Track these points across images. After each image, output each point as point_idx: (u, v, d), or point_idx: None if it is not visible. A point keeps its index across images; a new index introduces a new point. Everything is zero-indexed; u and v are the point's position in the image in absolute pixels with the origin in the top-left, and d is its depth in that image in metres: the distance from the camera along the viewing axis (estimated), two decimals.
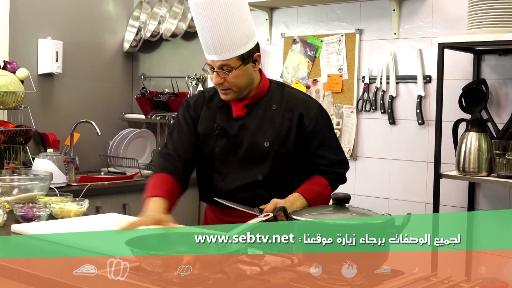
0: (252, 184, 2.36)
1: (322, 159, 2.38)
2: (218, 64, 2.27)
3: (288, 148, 2.35)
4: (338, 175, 2.42)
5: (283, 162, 2.36)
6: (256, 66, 2.34)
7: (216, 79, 2.30)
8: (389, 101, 3.50)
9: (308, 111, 2.36)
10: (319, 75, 3.75)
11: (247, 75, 2.31)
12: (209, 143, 2.40)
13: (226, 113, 2.39)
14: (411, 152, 3.44)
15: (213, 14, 2.21)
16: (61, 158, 3.59)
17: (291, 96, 2.40)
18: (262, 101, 2.38)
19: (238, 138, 2.37)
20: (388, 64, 3.51)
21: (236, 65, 2.27)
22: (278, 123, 2.35)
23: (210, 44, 2.26)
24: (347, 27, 3.66)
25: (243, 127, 2.37)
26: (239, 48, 2.25)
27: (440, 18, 3.34)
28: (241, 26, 2.25)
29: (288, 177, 2.39)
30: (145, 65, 4.67)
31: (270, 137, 2.35)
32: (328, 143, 2.40)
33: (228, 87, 2.30)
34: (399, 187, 3.49)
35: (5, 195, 2.77)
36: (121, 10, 4.59)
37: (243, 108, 2.37)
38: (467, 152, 2.94)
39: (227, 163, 2.38)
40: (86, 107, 4.41)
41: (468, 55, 3.20)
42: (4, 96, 3.52)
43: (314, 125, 2.35)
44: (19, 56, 4.00)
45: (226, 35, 2.22)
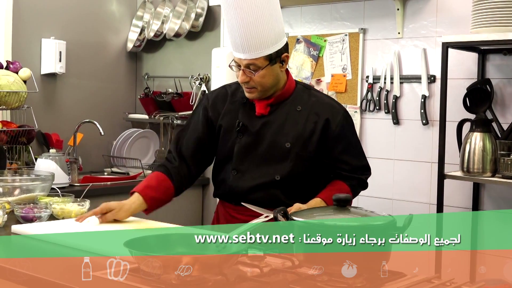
0: (269, 183, 2.34)
1: (345, 164, 2.37)
2: (245, 62, 2.25)
3: (309, 150, 2.33)
4: (360, 181, 2.42)
5: (302, 164, 2.34)
6: (283, 67, 2.31)
7: (242, 77, 2.28)
8: (393, 101, 3.47)
9: (334, 116, 2.35)
10: (323, 75, 3.73)
11: (273, 75, 2.29)
12: (230, 138, 2.38)
13: (249, 110, 2.38)
14: (415, 152, 3.42)
15: (243, 13, 2.19)
16: (63, 158, 3.58)
17: (318, 100, 2.38)
18: (287, 102, 2.37)
19: (259, 136, 2.35)
20: (392, 64, 3.49)
21: (263, 64, 2.25)
22: (302, 124, 2.34)
23: (238, 42, 2.23)
24: (351, 26, 3.64)
25: (265, 126, 2.35)
26: (267, 48, 2.23)
27: (445, 17, 3.31)
28: (271, 26, 2.22)
29: (306, 179, 2.37)
30: (148, 65, 4.66)
31: (292, 138, 2.33)
32: (352, 149, 2.40)
33: (254, 86, 2.29)
34: (403, 188, 3.47)
35: (6, 196, 2.76)
36: (125, 10, 4.59)
37: (267, 106, 2.35)
38: (471, 153, 2.92)
39: (246, 161, 2.36)
40: (90, 107, 4.40)
41: (472, 54, 3.18)
42: (7, 96, 3.51)
43: (340, 130, 2.34)
44: (22, 56, 3.99)
45: (255, 34, 2.20)
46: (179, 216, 4.03)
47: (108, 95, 4.54)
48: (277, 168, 2.33)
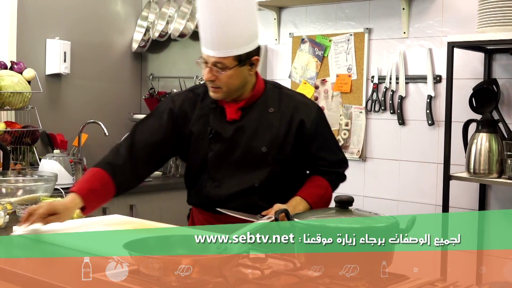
0: (248, 190, 2.27)
1: (323, 160, 2.33)
2: (212, 60, 2.16)
3: (286, 152, 2.28)
4: (338, 175, 2.37)
5: (280, 167, 2.29)
6: (252, 70, 2.23)
7: (208, 75, 2.18)
8: (399, 101, 3.44)
9: (308, 114, 2.29)
10: (328, 75, 3.71)
11: (240, 77, 2.20)
12: (202, 146, 2.30)
13: (220, 115, 2.29)
14: (421, 153, 3.39)
15: (218, 8, 2.12)
16: (67, 158, 3.58)
17: (289, 99, 2.32)
18: (257, 103, 2.29)
19: (233, 142, 2.27)
20: (397, 64, 3.46)
21: (232, 65, 2.16)
22: (276, 127, 2.27)
23: (208, 38, 2.15)
24: (356, 26, 3.61)
25: (239, 131, 2.27)
26: (238, 48, 2.15)
27: (450, 16, 3.28)
28: (245, 26, 2.16)
29: (285, 182, 2.32)
30: (153, 66, 4.65)
31: (268, 142, 2.26)
32: (328, 145, 2.35)
33: (219, 85, 2.19)
34: (408, 189, 3.44)
35: (9, 196, 2.76)
36: (130, 10, 4.58)
37: (238, 110, 2.27)
38: (477, 154, 2.89)
39: (221, 169, 2.29)
40: (94, 107, 4.39)
41: (478, 54, 3.15)
42: (11, 96, 3.51)
43: (315, 127, 2.30)
44: (27, 56, 3.99)
45: (227, 32, 2.13)
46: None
47: (113, 96, 4.53)
48: (255, 174, 2.26)
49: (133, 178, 2.34)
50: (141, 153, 2.32)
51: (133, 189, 3.78)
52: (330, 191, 2.34)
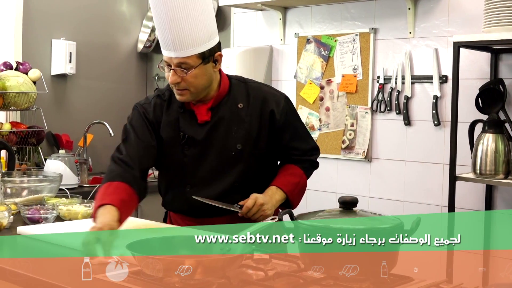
0: (230, 190, 2.24)
1: (295, 150, 2.33)
2: (176, 61, 2.09)
3: (260, 147, 2.26)
4: (311, 162, 2.37)
5: (257, 163, 2.27)
6: (216, 67, 2.19)
7: (173, 77, 2.11)
8: (404, 101, 3.43)
9: (277, 104, 2.27)
10: (333, 75, 3.70)
11: (206, 75, 2.14)
12: (174, 152, 2.24)
13: (190, 119, 2.23)
14: (427, 153, 3.37)
15: (173, 8, 2.05)
16: (72, 159, 3.58)
17: (256, 91, 2.28)
18: (225, 101, 2.24)
19: (207, 144, 2.23)
20: (403, 64, 3.45)
21: (196, 63, 2.10)
22: (248, 122, 2.24)
23: (168, 39, 2.08)
24: (361, 26, 3.60)
25: (211, 132, 2.23)
26: (200, 45, 2.09)
27: (457, 16, 3.26)
28: (203, 23, 2.10)
29: (262, 177, 2.30)
30: None
31: (242, 139, 2.23)
32: (299, 134, 2.34)
33: (185, 87, 2.13)
34: (414, 190, 3.42)
35: (13, 197, 2.76)
36: (135, 11, 4.58)
37: (208, 111, 2.22)
38: (484, 154, 2.87)
39: (198, 173, 2.24)
40: (100, 107, 4.39)
41: (485, 54, 3.13)
42: (16, 97, 3.51)
43: (285, 117, 2.27)
44: (33, 57, 3.99)
45: (186, 30, 2.07)
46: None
47: (119, 96, 4.53)
48: (232, 174, 2.23)
49: (144, 184, 2.24)
50: (140, 163, 2.21)
51: None
52: (305, 179, 2.35)
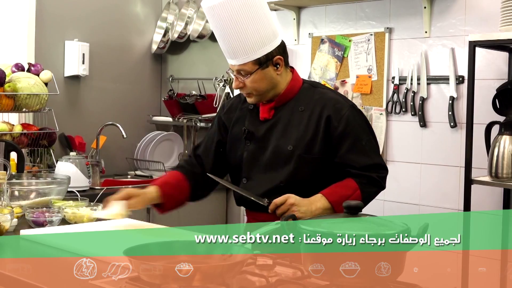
0: (274, 190, 2.26)
1: (353, 162, 2.21)
2: (235, 68, 2.24)
3: (313, 152, 2.23)
4: (370, 179, 2.22)
5: (306, 167, 2.24)
6: (278, 70, 2.24)
7: (235, 83, 2.27)
8: (420, 102, 3.35)
9: (337, 111, 2.22)
10: (348, 76, 3.63)
11: (267, 79, 2.23)
12: (239, 146, 2.36)
13: (255, 115, 2.34)
14: (443, 156, 3.29)
15: (221, 20, 2.17)
16: (84, 161, 3.55)
17: (321, 96, 2.28)
18: (290, 103, 2.29)
19: (265, 141, 2.31)
20: (419, 64, 3.37)
21: (252, 69, 2.21)
22: (304, 125, 2.25)
23: (226, 48, 2.23)
24: (376, 25, 3.53)
25: (270, 130, 2.31)
26: (253, 52, 2.19)
27: (474, 15, 3.18)
28: (254, 30, 2.17)
29: (313, 182, 2.26)
30: (173, 67, 4.61)
31: (294, 141, 2.25)
32: (360, 146, 2.22)
33: (249, 91, 2.26)
34: (430, 193, 3.34)
35: (21, 199, 2.73)
36: (150, 11, 4.55)
37: (270, 110, 2.31)
38: (500, 157, 2.78)
39: (254, 168, 2.32)
40: (114, 109, 4.37)
41: (503, 53, 3.04)
42: (27, 98, 3.50)
43: (344, 126, 2.21)
44: (46, 58, 3.98)
45: (236, 40, 2.17)
46: (202, 220, 3.98)
47: (133, 98, 4.51)
48: (281, 173, 2.26)
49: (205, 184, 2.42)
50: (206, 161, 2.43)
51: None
52: (359, 194, 2.20)
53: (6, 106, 3.45)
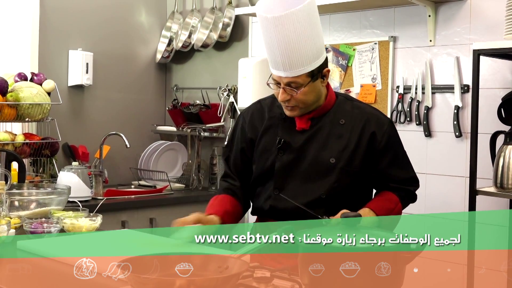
0: (314, 202, 2.23)
1: (393, 177, 2.27)
2: (285, 80, 2.16)
3: (354, 165, 2.23)
4: (408, 192, 2.30)
5: (348, 180, 2.24)
6: (324, 82, 2.24)
7: (283, 96, 2.19)
8: (425, 112, 3.31)
9: (380, 127, 2.25)
10: (352, 85, 3.60)
11: (315, 91, 2.20)
12: (270, 156, 2.30)
13: (290, 125, 2.29)
14: (448, 166, 3.25)
15: (285, 30, 2.10)
16: (86, 171, 3.53)
17: (361, 111, 2.28)
18: (328, 115, 2.27)
19: (302, 152, 2.26)
20: (423, 73, 3.33)
21: (305, 82, 2.16)
22: (346, 138, 2.24)
23: (279, 60, 2.14)
24: (380, 34, 3.50)
25: (308, 141, 2.26)
26: (309, 64, 2.14)
27: (479, 23, 3.14)
28: (312, 41, 2.14)
29: (351, 195, 2.26)
30: (177, 76, 4.60)
31: (337, 153, 2.23)
32: (399, 161, 2.30)
33: (295, 104, 2.20)
34: (435, 203, 3.29)
35: (20, 209, 2.72)
36: (155, 21, 4.54)
37: (308, 120, 2.27)
38: (506, 167, 2.73)
39: (288, 179, 2.27)
40: (118, 119, 4.36)
41: (508, 62, 3.00)
42: (30, 108, 3.48)
43: (386, 141, 2.25)
44: (49, 67, 3.98)
45: (297, 51, 2.11)
46: None
47: (137, 107, 4.49)
48: (322, 185, 2.23)
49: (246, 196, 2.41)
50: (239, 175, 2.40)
51: (153, 203, 3.81)
52: (400, 207, 2.28)
53: (9, 116, 3.43)
